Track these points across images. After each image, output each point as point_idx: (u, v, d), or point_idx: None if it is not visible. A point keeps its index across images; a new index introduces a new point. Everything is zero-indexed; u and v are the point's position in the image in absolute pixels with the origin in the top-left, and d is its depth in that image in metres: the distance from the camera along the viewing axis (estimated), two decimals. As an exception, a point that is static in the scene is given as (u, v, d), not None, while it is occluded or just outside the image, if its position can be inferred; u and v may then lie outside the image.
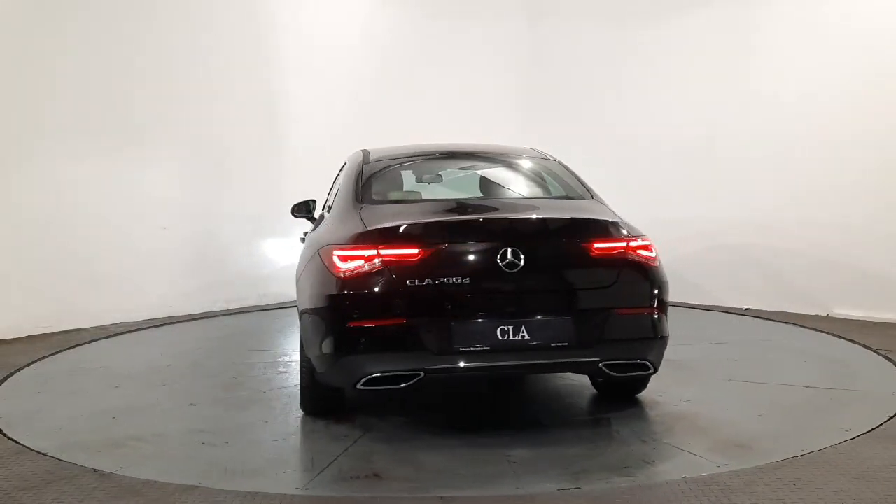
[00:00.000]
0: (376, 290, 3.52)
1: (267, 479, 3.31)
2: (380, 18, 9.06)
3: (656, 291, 3.77)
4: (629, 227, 3.88)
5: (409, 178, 4.73)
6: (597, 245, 3.69)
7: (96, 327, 6.83)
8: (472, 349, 3.51)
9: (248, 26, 8.09)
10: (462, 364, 3.52)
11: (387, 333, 3.54)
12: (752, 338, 6.09)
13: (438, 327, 3.51)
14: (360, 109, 8.62)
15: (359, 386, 3.55)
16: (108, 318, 6.99)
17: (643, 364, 3.72)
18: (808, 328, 6.53)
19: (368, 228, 3.69)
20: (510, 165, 4.93)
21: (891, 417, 3.94)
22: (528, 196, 4.61)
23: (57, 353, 5.87)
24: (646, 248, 3.82)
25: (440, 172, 4.87)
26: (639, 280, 3.75)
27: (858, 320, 6.77)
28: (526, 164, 4.83)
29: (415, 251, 3.55)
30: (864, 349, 5.65)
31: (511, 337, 3.50)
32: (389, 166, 4.67)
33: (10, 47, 6.51)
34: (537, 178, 4.70)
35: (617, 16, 8.79)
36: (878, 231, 6.88)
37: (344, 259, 3.58)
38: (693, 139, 8.14)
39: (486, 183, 4.87)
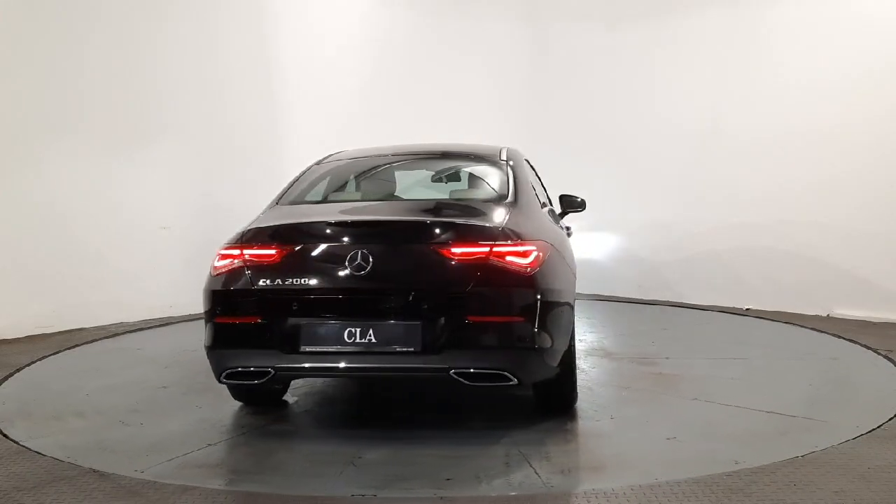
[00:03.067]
0: (236, 288, 3.67)
1: (121, 460, 3.48)
2: (380, 18, 9.06)
3: (527, 300, 3.53)
4: (512, 233, 3.63)
5: (347, 179, 4.79)
6: (454, 249, 3.52)
7: (96, 327, 6.84)
8: (318, 350, 3.52)
9: (250, 26, 8.10)
10: (308, 364, 3.57)
11: (243, 331, 3.66)
12: (760, 347, 5.82)
13: (288, 327, 3.55)
14: (362, 109, 8.62)
15: (222, 379, 3.72)
16: (108, 318, 7.00)
17: (501, 375, 3.51)
18: (808, 328, 6.53)
19: (245, 229, 3.84)
20: (459, 167, 4.94)
21: (891, 418, 3.94)
22: (440, 198, 4.53)
23: (57, 352, 5.88)
24: (519, 254, 3.56)
25: (382, 174, 4.88)
26: (502, 287, 3.52)
27: (859, 320, 6.77)
28: (476, 165, 4.81)
29: (272, 252, 3.65)
30: (864, 350, 5.66)
31: (358, 339, 3.47)
32: (335, 167, 4.81)
33: (11, 47, 6.51)
34: (475, 180, 4.72)
35: (615, 17, 8.80)
36: (879, 231, 6.88)
37: (221, 258, 3.77)
38: (693, 140, 8.14)
39: (416, 184, 4.94)
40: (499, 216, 3.83)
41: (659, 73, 8.45)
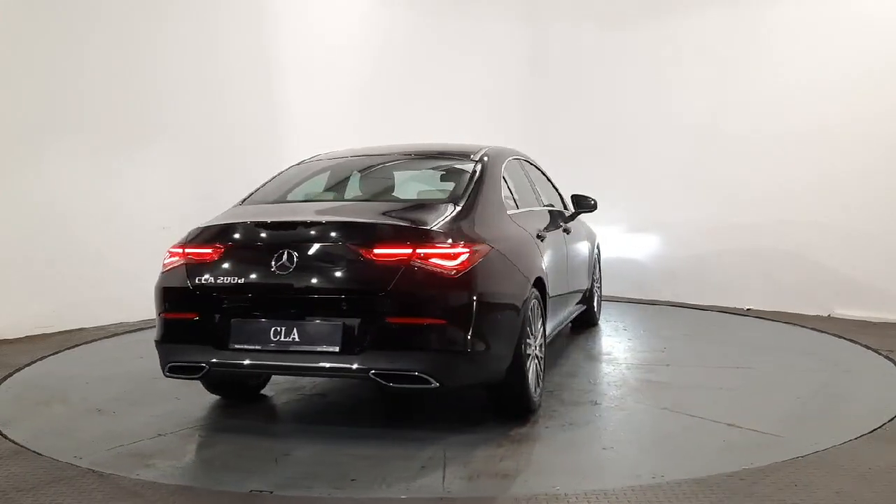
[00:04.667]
0: (177, 286, 3.80)
1: (68, 445, 3.70)
2: (380, 19, 9.06)
3: (452, 303, 3.50)
4: (441, 235, 3.58)
5: (316, 181, 4.82)
6: (376, 250, 3.52)
7: (96, 327, 6.84)
8: (246, 348, 3.61)
9: (250, 26, 8.09)
10: (236, 361, 3.66)
11: (182, 326, 3.81)
12: (770, 354, 5.59)
13: (221, 324, 3.66)
14: (362, 109, 8.61)
15: (166, 372, 3.85)
16: (108, 318, 7.00)
17: (419, 377, 3.45)
18: (809, 328, 6.53)
19: (193, 228, 3.97)
20: (430, 168, 4.94)
21: (892, 418, 3.94)
22: (389, 199, 4.56)
23: (57, 352, 5.88)
24: (446, 256, 3.51)
25: (354, 176, 4.87)
26: (424, 289, 3.48)
27: (859, 320, 6.77)
28: (447, 166, 4.76)
29: (208, 251, 3.78)
30: (864, 350, 5.66)
31: (283, 338, 3.55)
32: (311, 168, 4.90)
33: (11, 47, 6.50)
34: (439, 181, 4.71)
35: (616, 17, 8.79)
36: (879, 231, 6.88)
37: (169, 256, 3.93)
38: (693, 139, 8.14)
39: (376, 184, 4.90)
40: (437, 217, 3.77)
41: (659, 73, 8.44)
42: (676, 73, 8.28)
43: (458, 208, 3.93)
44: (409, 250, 3.51)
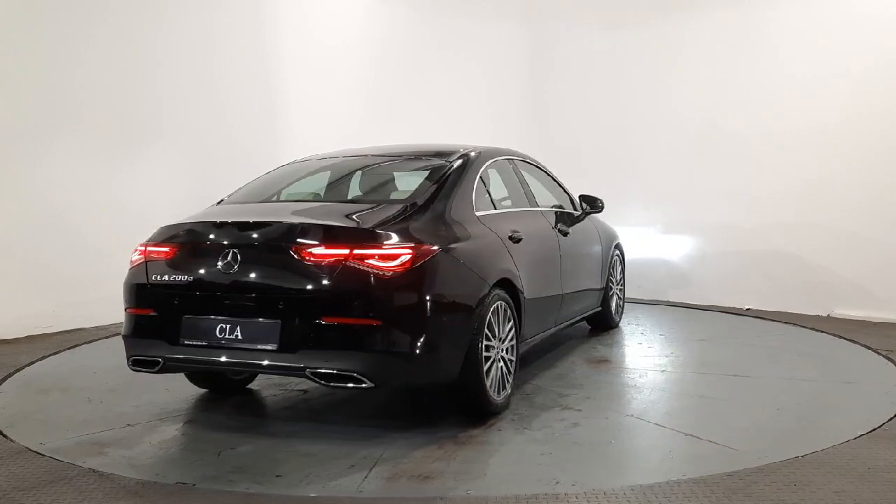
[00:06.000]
0: (138, 282, 3.96)
1: (37, 432, 3.92)
2: (380, 19, 9.05)
3: (389, 303, 3.52)
4: (381, 236, 3.61)
5: (295, 182, 4.84)
6: (314, 251, 3.57)
7: (96, 327, 6.84)
8: (194, 344, 3.74)
9: (250, 27, 8.09)
10: (186, 356, 3.77)
11: (141, 321, 3.96)
12: (776, 360, 5.38)
13: (172, 320, 3.79)
14: (362, 110, 8.61)
15: (130, 366, 3.98)
16: (108, 317, 6.99)
17: (352, 376, 3.50)
18: (808, 328, 6.52)
19: (160, 227, 4.09)
20: (405, 170, 4.93)
21: (891, 418, 3.94)
22: (354, 200, 4.56)
23: (57, 352, 5.88)
24: (384, 257, 3.54)
25: (334, 177, 4.92)
26: (358, 289, 3.51)
27: (859, 320, 6.77)
28: (424, 167, 4.67)
29: (166, 250, 3.94)
30: (864, 350, 5.65)
31: (227, 336, 3.67)
32: (296, 169, 4.97)
33: (10, 47, 6.50)
34: (411, 182, 4.66)
35: (616, 17, 8.79)
36: (879, 231, 6.88)
37: (138, 253, 4.06)
38: (693, 140, 8.13)
39: (352, 186, 4.91)
40: (384, 218, 3.80)
41: (658, 73, 8.44)
42: (676, 74, 8.27)
43: (414, 209, 3.95)
44: (346, 251, 3.56)
